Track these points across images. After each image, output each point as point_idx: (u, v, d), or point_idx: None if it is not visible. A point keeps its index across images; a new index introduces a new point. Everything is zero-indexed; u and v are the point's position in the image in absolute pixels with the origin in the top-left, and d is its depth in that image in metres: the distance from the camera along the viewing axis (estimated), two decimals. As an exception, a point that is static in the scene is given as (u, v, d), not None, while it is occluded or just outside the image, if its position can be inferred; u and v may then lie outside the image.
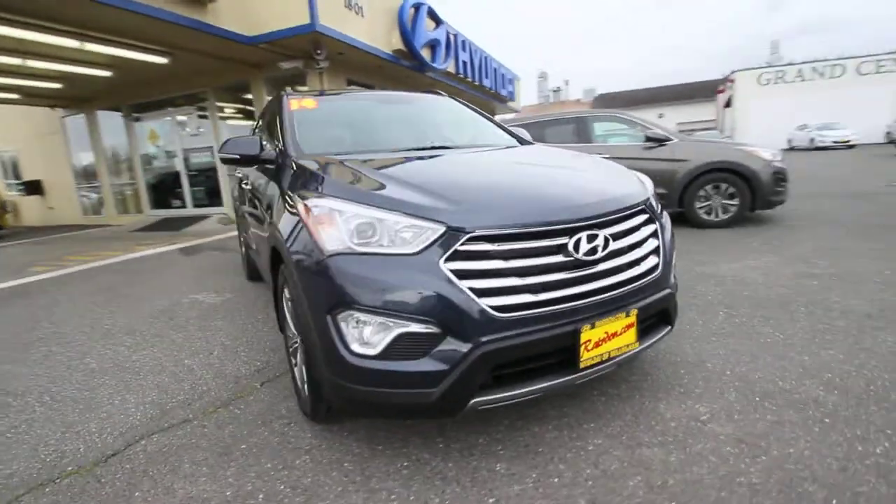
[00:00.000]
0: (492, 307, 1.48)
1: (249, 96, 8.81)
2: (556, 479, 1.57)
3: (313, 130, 2.55)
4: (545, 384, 1.57)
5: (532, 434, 1.83)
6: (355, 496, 1.57)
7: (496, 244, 1.53)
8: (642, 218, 1.85)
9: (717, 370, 2.21)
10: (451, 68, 10.41)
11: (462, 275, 1.48)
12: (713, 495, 1.45)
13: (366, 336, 1.50)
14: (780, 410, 1.86)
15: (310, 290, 1.60)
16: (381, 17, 8.20)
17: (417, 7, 8.62)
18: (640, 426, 1.82)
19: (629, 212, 1.79)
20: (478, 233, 1.51)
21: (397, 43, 8.49)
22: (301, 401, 2.09)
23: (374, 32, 7.91)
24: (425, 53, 9.01)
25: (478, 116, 3.26)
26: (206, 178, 9.61)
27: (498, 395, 1.53)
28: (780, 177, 5.56)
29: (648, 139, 5.75)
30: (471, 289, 1.47)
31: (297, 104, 2.76)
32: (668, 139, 5.74)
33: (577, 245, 1.60)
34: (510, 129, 3.17)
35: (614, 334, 1.65)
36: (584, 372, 1.61)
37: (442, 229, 1.51)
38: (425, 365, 1.47)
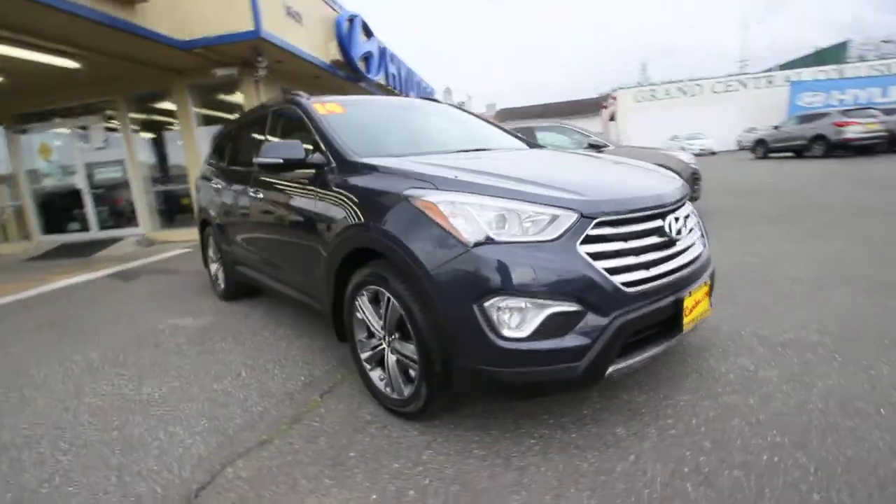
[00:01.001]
0: (621, 283, 1.66)
1: (169, 106, 8.02)
2: (672, 432, 1.78)
3: (353, 135, 2.52)
4: (659, 348, 1.78)
5: (625, 401, 2.02)
6: (509, 475, 1.63)
7: (616, 228, 1.71)
8: (689, 204, 2.18)
9: (733, 331, 2.61)
10: (381, 80, 10.46)
11: (595, 256, 1.64)
12: (800, 419, 1.76)
13: (516, 320, 1.58)
14: (801, 354, 2.28)
15: (449, 283, 1.63)
16: (319, 27, 8.03)
17: (352, 19, 8.59)
18: (709, 381, 2.12)
19: (687, 198, 2.10)
20: (602, 218, 1.69)
21: (335, 53, 8.35)
22: (388, 401, 2.06)
23: (312, 42, 7.72)
24: (360, 65, 8.98)
25: (481, 121, 3.44)
26: (116, 197, 8.49)
27: (628, 363, 1.70)
28: (696, 176, 6.51)
29: (591, 146, 6.40)
30: (604, 268, 1.64)
31: (325, 109, 2.70)
32: (607, 146, 6.43)
33: (669, 226, 1.85)
34: (513, 132, 3.40)
35: (698, 301, 1.92)
36: (683, 334, 1.86)
37: (575, 216, 1.65)
38: (570, 341, 1.60)
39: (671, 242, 1.85)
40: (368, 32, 9.41)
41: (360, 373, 2.26)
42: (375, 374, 2.17)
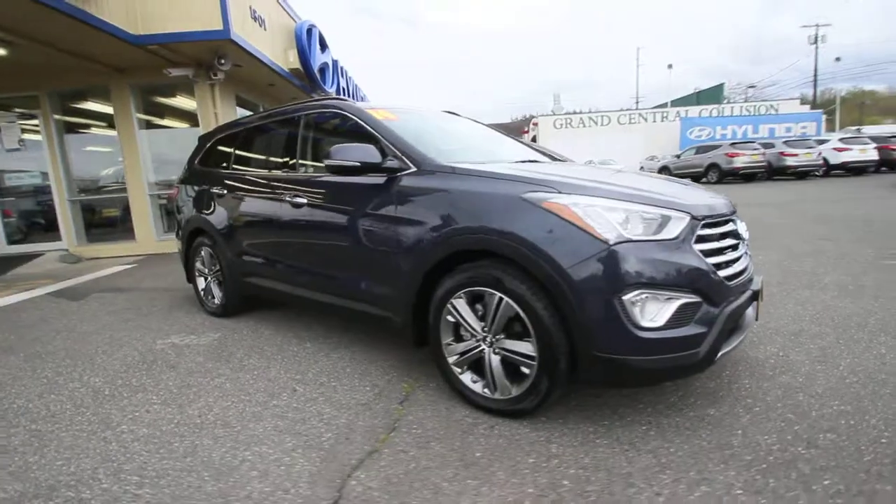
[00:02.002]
0: (724, 277, 1.89)
1: (103, 106, 7.18)
2: (757, 409, 2.03)
3: (419, 141, 2.54)
4: (744, 334, 2.03)
5: (699, 388, 2.25)
6: (644, 458, 1.75)
7: (713, 229, 1.95)
8: None
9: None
10: (333, 92, 10.28)
11: (705, 253, 1.86)
12: (848, 390, 2.10)
13: (652, 311, 1.73)
14: (812, 341, 2.70)
15: (588, 278, 1.74)
16: (279, 35, 7.74)
17: (310, 29, 8.40)
18: (755, 366, 2.42)
19: (734, 207, 2.43)
20: (705, 220, 1.92)
21: (294, 62, 8.08)
22: (488, 402, 2.09)
23: (273, 48, 7.41)
24: (318, 75, 8.78)
25: (504, 135, 3.61)
26: (33, 207, 7.32)
27: (728, 348, 1.92)
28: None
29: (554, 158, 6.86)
30: (712, 264, 1.86)
31: (382, 115, 2.69)
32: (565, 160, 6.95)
33: (739, 229, 2.13)
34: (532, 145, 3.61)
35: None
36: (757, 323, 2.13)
37: (688, 217, 1.86)
38: (692, 329, 1.78)
39: (740, 244, 2.14)
40: (324, 44, 9.26)
41: (446, 377, 2.26)
42: (467, 377, 2.19)
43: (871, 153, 17.15)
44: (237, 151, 3.64)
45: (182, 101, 7.43)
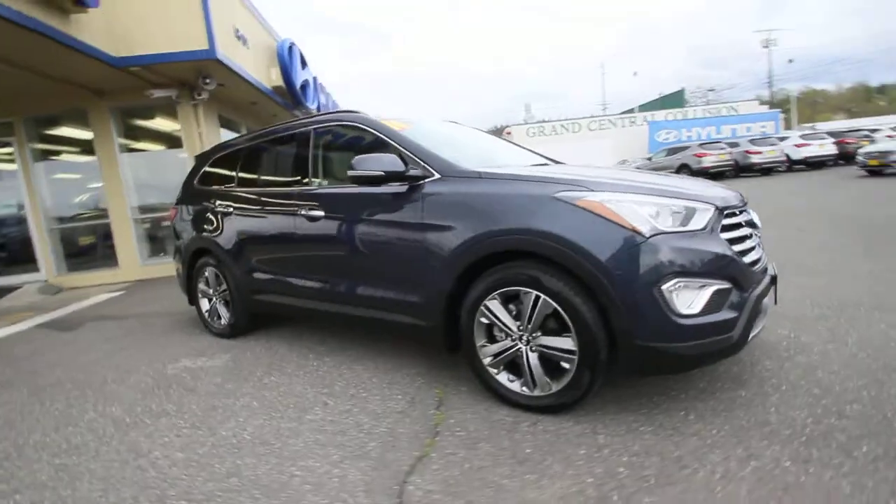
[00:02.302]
0: (747, 263, 1.99)
1: (80, 132, 6.98)
2: (784, 388, 2.12)
3: (435, 150, 2.58)
4: (766, 317, 2.13)
5: (724, 372, 2.34)
6: (691, 441, 1.81)
7: (733, 219, 2.06)
8: None
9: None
10: (314, 108, 10.27)
11: (730, 241, 1.96)
12: (862, 364, 2.23)
13: (689, 299, 1.81)
14: (819, 322, 2.84)
15: (628, 271, 1.80)
16: (261, 53, 7.71)
17: (291, 47, 8.41)
18: (769, 348, 2.54)
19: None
20: (728, 211, 2.02)
21: (277, 79, 8.05)
22: (528, 399, 2.13)
23: (257, 67, 7.37)
24: (300, 92, 8.77)
25: (509, 143, 3.69)
26: (7, 238, 7.00)
27: (757, 330, 2.01)
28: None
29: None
30: (737, 251, 1.95)
31: (398, 126, 2.73)
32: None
33: (753, 218, 2.25)
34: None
35: (773, 280, 2.33)
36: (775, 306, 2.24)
37: (713, 209, 1.96)
38: (725, 314, 1.87)
39: (754, 232, 2.25)
40: (304, 62, 9.27)
41: (482, 378, 2.29)
42: (503, 377, 2.22)
43: (829, 148, 18.12)
44: (242, 169, 3.60)
45: (163, 123, 7.29)
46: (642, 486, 1.59)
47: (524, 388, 2.15)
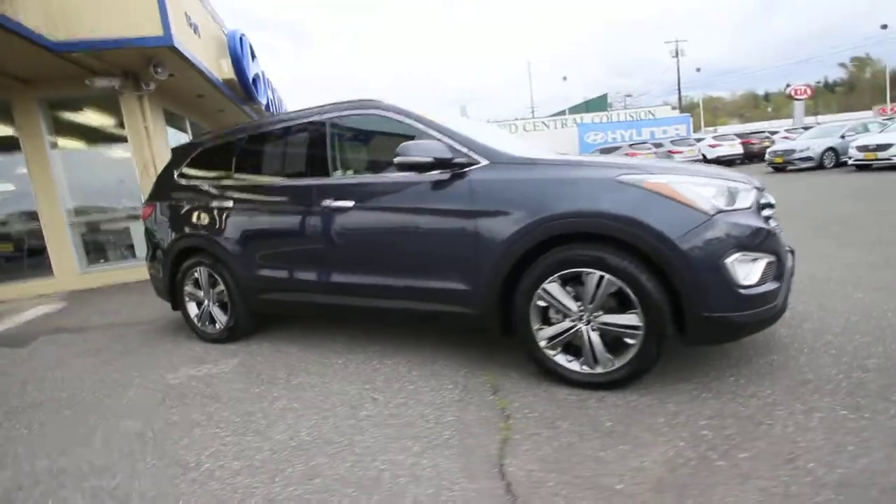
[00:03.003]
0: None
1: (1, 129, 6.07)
2: (806, 350, 2.37)
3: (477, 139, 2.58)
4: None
5: (748, 342, 2.55)
6: (753, 401, 1.97)
7: (764, 198, 2.26)
8: None
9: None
10: (263, 104, 9.74)
11: (765, 218, 2.16)
12: (856, 324, 2.55)
13: (747, 271, 1.97)
14: (806, 292, 3.19)
15: (696, 247, 1.93)
16: (211, 43, 7.14)
17: (242, 38, 7.89)
18: (786, 315, 2.82)
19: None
20: (762, 190, 2.22)
21: (228, 72, 7.51)
22: (588, 377, 2.20)
23: (207, 57, 6.83)
24: (252, 85, 8.27)
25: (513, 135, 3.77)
26: None
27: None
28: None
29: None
30: (773, 227, 2.16)
31: (431, 116, 2.68)
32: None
33: (770, 199, 2.49)
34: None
35: (785, 255, 2.60)
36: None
37: (754, 189, 2.14)
38: (771, 285, 2.06)
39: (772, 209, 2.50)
40: (253, 54, 8.75)
41: (539, 361, 2.32)
42: (561, 358, 2.27)
43: (737, 148, 20.32)
44: (241, 161, 3.34)
45: (101, 117, 6.55)
46: (731, 444, 1.71)
47: (584, 367, 2.22)
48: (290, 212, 2.99)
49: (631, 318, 2.08)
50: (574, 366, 2.25)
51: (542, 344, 2.30)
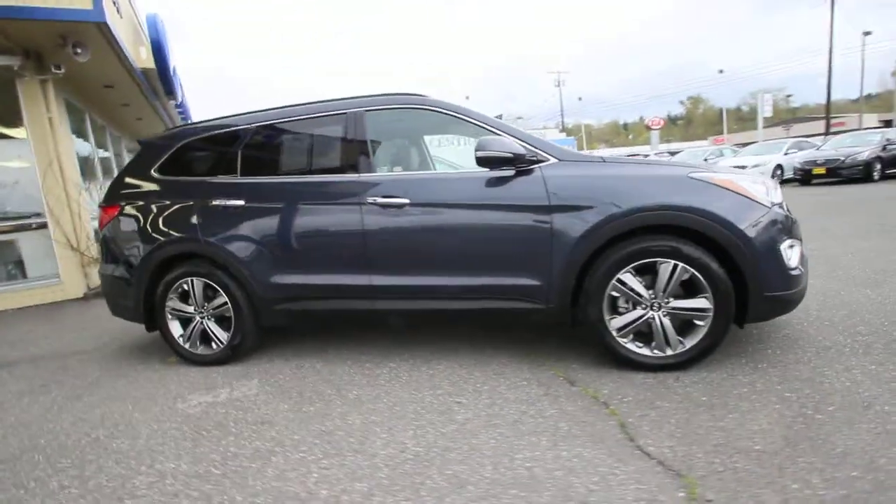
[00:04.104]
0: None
1: None
2: (805, 324, 2.82)
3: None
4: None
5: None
6: (804, 367, 2.30)
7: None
8: None
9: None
10: (178, 100, 8.66)
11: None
12: (831, 307, 3.10)
13: (791, 256, 2.30)
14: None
15: (760, 235, 2.21)
16: (129, 28, 6.16)
17: (161, 23, 6.94)
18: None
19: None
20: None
21: (148, 60, 6.54)
22: (658, 360, 2.36)
23: (127, 41, 5.89)
24: (172, 76, 7.30)
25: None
26: None
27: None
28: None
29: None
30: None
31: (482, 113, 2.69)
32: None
33: None
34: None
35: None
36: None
37: (779, 186, 2.52)
38: (803, 268, 2.43)
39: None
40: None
41: (612, 349, 2.43)
42: (632, 345, 2.42)
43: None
44: (249, 154, 2.94)
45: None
46: (815, 401, 1.98)
47: (656, 351, 2.39)
48: (326, 210, 2.74)
49: (701, 302, 2.30)
50: (645, 351, 2.41)
51: (615, 332, 2.42)
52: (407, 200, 2.60)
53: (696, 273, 2.27)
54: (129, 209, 3.12)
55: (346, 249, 2.72)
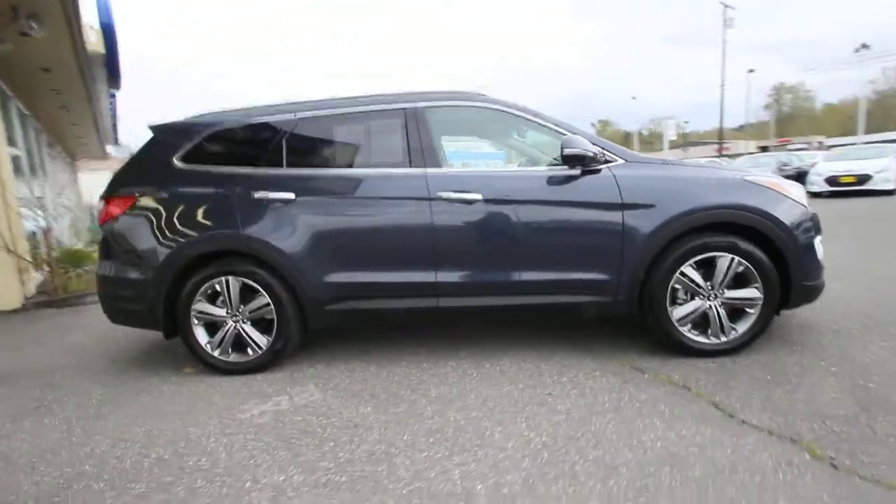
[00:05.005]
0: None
1: None
2: (820, 307, 3.23)
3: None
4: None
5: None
6: (829, 349, 2.63)
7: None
8: None
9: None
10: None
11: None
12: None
13: (819, 248, 2.64)
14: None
15: (802, 233, 2.51)
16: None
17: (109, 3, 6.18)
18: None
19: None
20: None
21: (97, 43, 5.78)
22: (712, 346, 2.58)
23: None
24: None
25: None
26: None
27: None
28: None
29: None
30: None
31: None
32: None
33: None
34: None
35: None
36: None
37: (802, 191, 2.89)
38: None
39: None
40: (108, 27, 6.95)
41: (673, 338, 2.60)
42: (691, 333, 2.61)
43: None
44: (297, 145, 2.73)
45: None
46: (867, 371, 2.29)
47: (712, 338, 2.60)
48: (390, 205, 2.65)
49: (752, 292, 2.55)
50: (702, 338, 2.61)
51: (676, 322, 2.60)
52: (479, 196, 2.59)
53: (750, 266, 2.52)
54: (146, 201, 2.76)
55: (412, 245, 2.65)
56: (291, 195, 2.68)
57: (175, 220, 2.72)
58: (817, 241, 2.62)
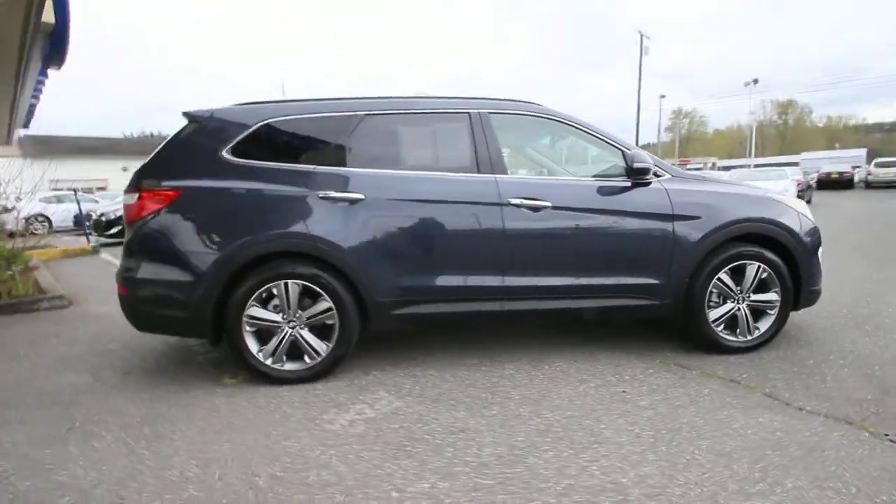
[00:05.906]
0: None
1: None
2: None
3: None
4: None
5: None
6: (843, 337, 3.08)
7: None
8: None
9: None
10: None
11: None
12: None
13: (820, 257, 3.09)
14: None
15: (810, 244, 2.92)
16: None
17: (53, -32, 5.37)
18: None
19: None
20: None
21: (48, 15, 4.97)
22: (740, 343, 2.91)
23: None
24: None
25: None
26: None
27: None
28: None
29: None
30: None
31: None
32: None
33: None
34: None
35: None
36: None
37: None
38: (815, 268, 3.27)
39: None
40: None
41: (708, 337, 2.89)
42: (724, 333, 2.93)
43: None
44: (369, 143, 2.64)
45: None
46: (867, 360, 2.72)
47: (741, 337, 2.94)
48: (462, 209, 2.66)
49: (772, 295, 2.93)
50: (732, 337, 2.94)
51: (712, 323, 2.90)
52: (549, 203, 2.71)
53: (772, 272, 2.89)
54: (193, 196, 2.52)
55: (482, 249, 2.69)
56: (361, 195, 2.60)
57: (229, 218, 2.52)
58: (819, 251, 3.07)
